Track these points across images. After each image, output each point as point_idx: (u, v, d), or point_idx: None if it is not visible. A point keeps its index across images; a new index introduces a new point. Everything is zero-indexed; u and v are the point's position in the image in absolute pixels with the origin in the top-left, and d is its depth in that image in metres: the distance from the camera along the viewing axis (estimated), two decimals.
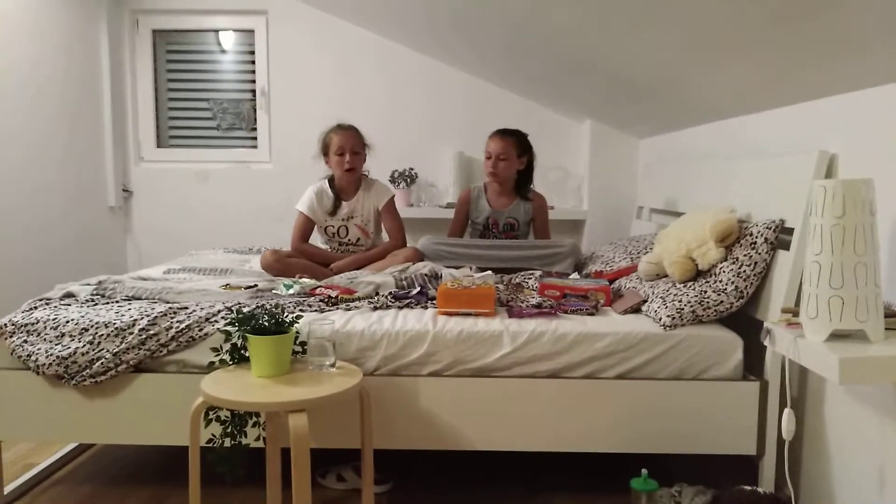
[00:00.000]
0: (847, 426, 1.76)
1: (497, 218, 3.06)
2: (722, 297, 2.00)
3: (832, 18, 1.51)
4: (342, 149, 2.84)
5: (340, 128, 2.90)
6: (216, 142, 4.21)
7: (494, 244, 2.91)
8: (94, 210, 3.88)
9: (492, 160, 2.99)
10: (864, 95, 1.74)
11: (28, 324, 2.04)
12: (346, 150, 2.84)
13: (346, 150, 2.84)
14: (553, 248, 2.84)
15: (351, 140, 2.86)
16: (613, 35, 2.35)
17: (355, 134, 2.89)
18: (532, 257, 2.80)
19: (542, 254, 2.81)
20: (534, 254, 2.81)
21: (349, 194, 2.95)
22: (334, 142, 2.86)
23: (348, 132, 2.88)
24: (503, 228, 3.06)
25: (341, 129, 2.89)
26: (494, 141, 3.01)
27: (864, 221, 1.39)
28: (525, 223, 3.08)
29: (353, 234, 2.96)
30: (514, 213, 3.05)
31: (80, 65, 3.73)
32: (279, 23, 4.04)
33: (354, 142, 2.87)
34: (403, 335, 2.02)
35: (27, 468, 2.29)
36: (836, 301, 1.39)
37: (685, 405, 1.98)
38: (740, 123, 2.48)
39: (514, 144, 3.00)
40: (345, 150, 2.84)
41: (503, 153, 2.98)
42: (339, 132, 2.88)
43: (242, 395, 1.64)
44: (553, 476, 2.28)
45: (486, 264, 2.72)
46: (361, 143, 2.91)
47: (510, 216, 3.06)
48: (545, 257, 2.80)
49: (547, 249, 2.83)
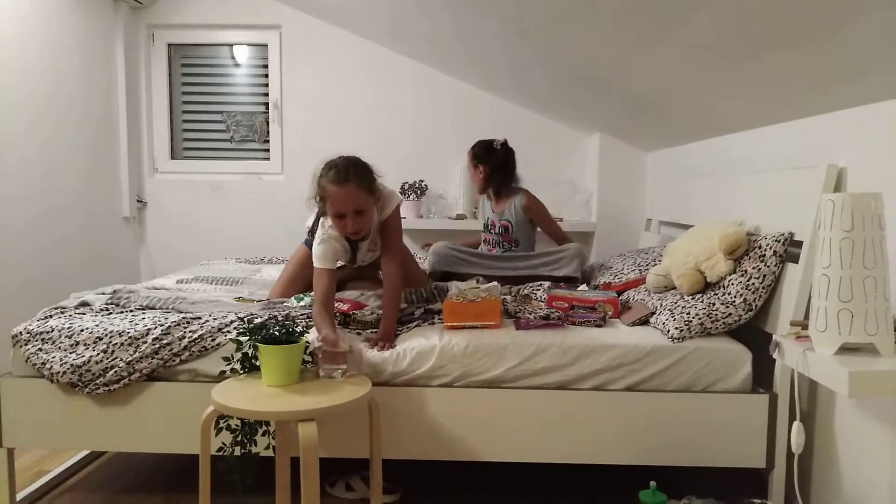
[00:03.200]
0: (857, 440, 1.75)
1: (494, 220, 3.22)
2: (731, 310, 2.00)
3: (842, 35, 1.52)
4: (342, 213, 2.19)
5: (337, 180, 2.16)
6: (229, 153, 4.26)
7: (502, 257, 3.01)
8: (108, 220, 3.93)
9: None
10: (873, 110, 1.74)
11: (43, 332, 2.07)
12: (348, 213, 2.19)
13: (346, 213, 2.19)
14: (557, 253, 2.92)
15: (351, 201, 2.17)
16: (624, 49, 2.37)
17: (355, 189, 2.17)
18: (539, 265, 2.90)
19: (548, 260, 2.91)
20: (539, 262, 2.91)
21: (362, 237, 2.40)
22: (331, 201, 2.19)
23: (347, 189, 2.16)
24: (499, 230, 3.20)
25: (338, 183, 2.16)
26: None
27: (873, 235, 1.39)
28: (519, 224, 3.16)
29: (362, 254, 2.53)
30: (507, 216, 3.18)
31: (97, 78, 3.79)
32: (292, 37, 4.09)
33: (356, 202, 2.18)
34: (410, 352, 2.03)
35: (39, 475, 2.32)
36: (846, 314, 1.40)
37: (694, 418, 1.98)
38: (749, 138, 2.48)
39: (470, 156, 3.23)
40: (346, 213, 2.19)
41: (468, 164, 3.26)
42: (337, 188, 2.16)
43: (253, 404, 1.65)
44: (561, 488, 2.28)
45: (494, 273, 2.87)
46: (364, 197, 2.20)
47: (504, 219, 3.18)
48: (551, 263, 2.89)
49: (551, 256, 2.92)
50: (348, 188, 2.16)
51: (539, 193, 3.19)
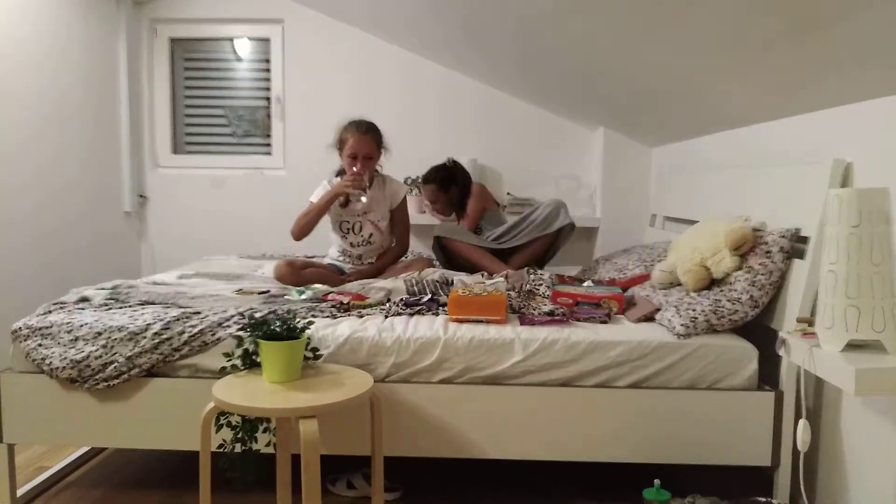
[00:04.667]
0: (863, 438, 1.73)
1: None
2: (736, 307, 1.98)
3: (848, 28, 1.50)
4: (355, 153, 2.77)
5: (358, 129, 2.80)
6: (231, 148, 4.24)
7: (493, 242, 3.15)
8: (109, 215, 3.92)
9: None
10: (879, 104, 1.72)
11: (43, 327, 2.06)
12: (359, 155, 2.77)
13: (358, 155, 2.77)
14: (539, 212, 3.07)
15: (365, 146, 2.78)
16: (627, 44, 2.35)
17: (370, 139, 2.80)
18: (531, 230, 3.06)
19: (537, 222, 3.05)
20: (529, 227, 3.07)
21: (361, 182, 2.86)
22: (349, 143, 2.78)
23: (364, 137, 2.78)
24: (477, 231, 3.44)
25: (358, 131, 2.79)
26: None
27: (880, 231, 1.38)
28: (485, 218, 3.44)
29: (367, 230, 2.92)
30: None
31: (99, 72, 3.77)
32: (295, 31, 4.07)
33: (368, 148, 2.78)
34: (415, 342, 2.02)
35: (40, 471, 2.31)
36: (853, 311, 1.38)
37: (699, 415, 1.97)
38: (754, 132, 2.46)
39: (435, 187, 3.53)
40: (357, 154, 2.77)
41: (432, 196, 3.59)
42: (356, 135, 2.78)
43: (253, 401, 1.64)
44: (565, 486, 2.26)
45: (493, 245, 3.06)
46: (376, 148, 2.82)
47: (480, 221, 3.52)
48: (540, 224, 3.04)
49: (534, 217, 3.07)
50: (366, 137, 2.79)
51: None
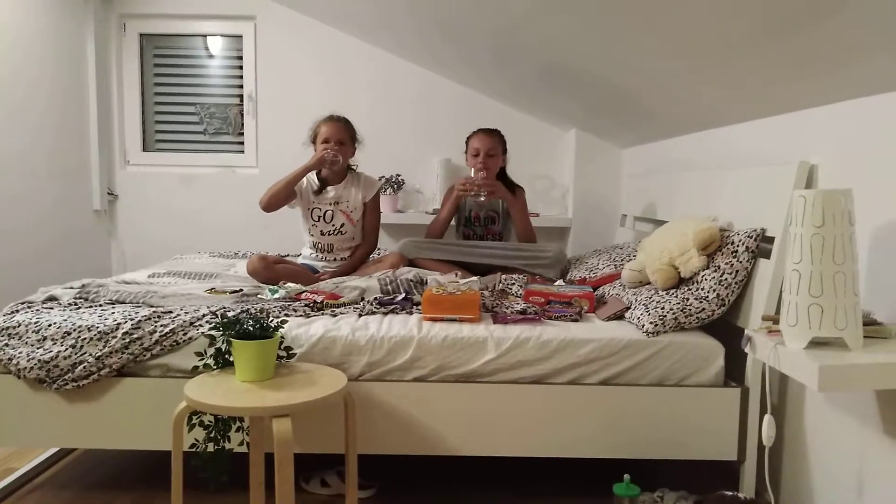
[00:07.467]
0: (826, 433, 1.78)
1: (479, 212, 3.16)
2: (704, 305, 2.02)
3: (815, 32, 1.54)
4: (327, 138, 2.85)
5: (331, 119, 2.90)
6: (203, 146, 4.19)
7: (477, 244, 2.99)
8: (79, 213, 3.85)
9: (480, 157, 3.01)
10: (845, 107, 1.77)
11: (9, 327, 2.03)
12: (332, 140, 2.84)
13: (331, 140, 2.84)
14: (537, 252, 2.90)
15: (338, 132, 2.86)
16: (598, 46, 2.38)
17: (344, 126, 2.89)
18: (514, 257, 2.88)
19: (525, 255, 2.89)
20: (516, 254, 2.90)
21: (334, 183, 2.95)
22: (322, 131, 2.87)
23: (337, 123, 2.88)
24: (484, 222, 3.16)
25: (332, 119, 2.90)
26: (481, 139, 3.05)
27: (843, 231, 1.42)
28: (505, 216, 3.14)
29: (339, 219, 2.94)
30: (495, 206, 3.13)
31: (67, 67, 3.71)
32: (267, 28, 4.04)
33: (341, 134, 2.87)
34: (388, 340, 2.02)
35: (7, 473, 2.27)
36: (816, 309, 1.42)
37: (667, 411, 2.00)
38: (723, 134, 2.51)
39: (499, 141, 3.09)
40: (330, 140, 2.84)
41: (491, 149, 3.03)
42: (329, 123, 2.88)
43: (226, 400, 1.63)
44: (537, 481, 2.29)
45: (467, 259, 2.88)
46: (349, 136, 2.90)
47: (491, 209, 3.14)
48: (527, 258, 2.87)
49: (530, 252, 2.90)
50: (338, 124, 2.89)
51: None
